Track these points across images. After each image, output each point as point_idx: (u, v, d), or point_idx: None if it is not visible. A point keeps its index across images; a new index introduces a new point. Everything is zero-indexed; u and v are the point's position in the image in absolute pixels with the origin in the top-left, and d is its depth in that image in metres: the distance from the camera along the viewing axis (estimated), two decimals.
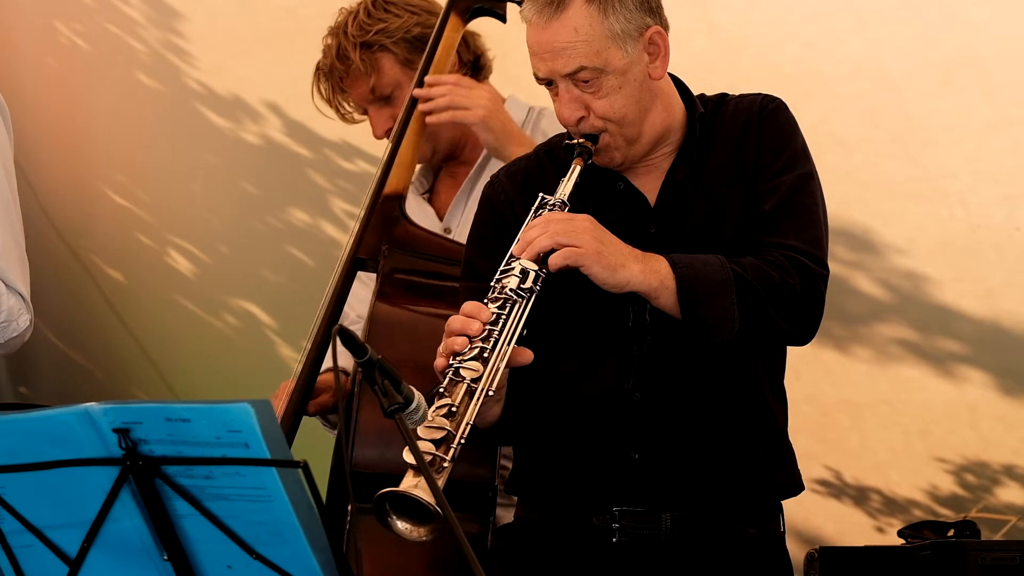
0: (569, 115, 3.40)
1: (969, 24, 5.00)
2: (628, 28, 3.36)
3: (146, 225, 7.25)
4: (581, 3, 3.34)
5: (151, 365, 7.57)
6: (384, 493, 2.99)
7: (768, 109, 3.51)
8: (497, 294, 3.27)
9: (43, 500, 2.90)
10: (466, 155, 4.50)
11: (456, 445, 3.10)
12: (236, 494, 2.83)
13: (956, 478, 5.58)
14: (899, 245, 5.28)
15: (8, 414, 2.87)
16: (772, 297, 3.31)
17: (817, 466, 5.69)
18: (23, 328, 4.03)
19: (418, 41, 4.37)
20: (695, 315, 3.30)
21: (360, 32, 4.35)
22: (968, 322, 5.35)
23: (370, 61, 4.36)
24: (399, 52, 4.37)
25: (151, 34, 6.67)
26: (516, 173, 3.62)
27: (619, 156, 3.45)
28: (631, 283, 3.28)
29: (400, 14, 4.38)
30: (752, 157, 3.46)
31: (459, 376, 3.18)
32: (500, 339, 3.22)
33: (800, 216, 3.42)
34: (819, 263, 3.39)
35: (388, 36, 4.35)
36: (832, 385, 5.49)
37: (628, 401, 3.41)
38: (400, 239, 4.23)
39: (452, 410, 3.13)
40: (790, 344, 3.52)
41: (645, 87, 3.41)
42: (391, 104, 4.41)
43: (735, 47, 5.12)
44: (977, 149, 5.14)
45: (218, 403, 2.78)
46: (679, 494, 3.43)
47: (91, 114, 7.15)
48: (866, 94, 5.13)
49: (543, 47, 3.37)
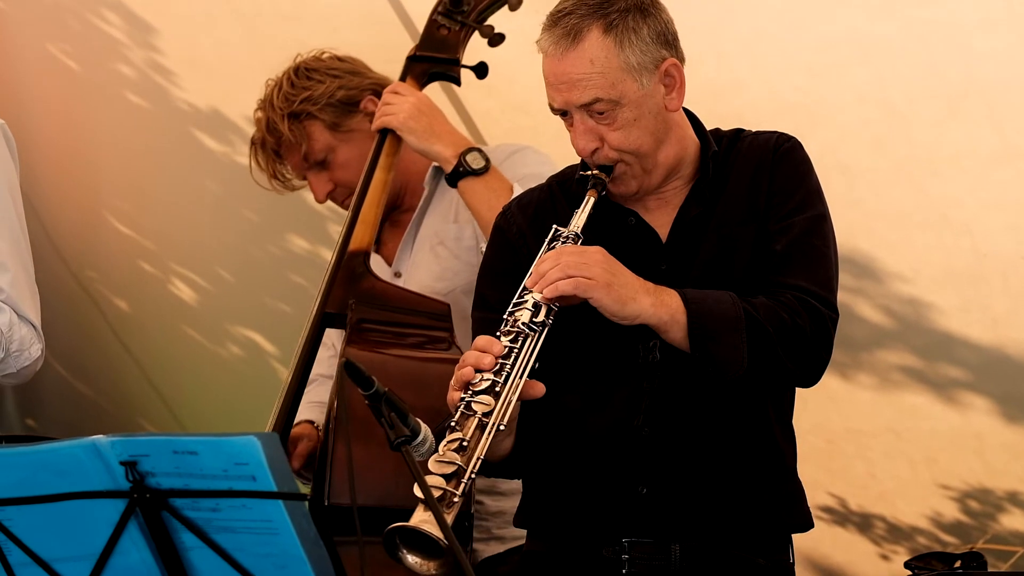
0: (584, 146, 3.40)
1: (975, 53, 5.00)
2: (644, 60, 3.37)
3: (149, 253, 7.25)
4: (597, 35, 3.35)
5: (157, 395, 7.57)
6: (395, 527, 2.99)
7: (783, 148, 3.51)
8: (509, 327, 3.27)
9: (51, 532, 2.91)
10: (407, 202, 4.60)
11: (467, 480, 3.10)
12: (243, 526, 2.84)
13: (961, 506, 5.57)
14: (904, 273, 5.28)
15: (16, 447, 2.88)
16: (782, 338, 3.31)
17: (823, 494, 5.68)
18: (35, 357, 4.05)
19: (343, 104, 4.50)
20: (704, 351, 3.30)
21: (286, 103, 4.48)
22: (973, 350, 5.34)
23: (299, 130, 4.49)
24: (326, 118, 4.49)
25: (135, 53, 6.69)
26: (528, 204, 3.62)
27: (635, 184, 3.45)
28: (641, 316, 3.29)
29: (323, 79, 4.50)
30: (765, 196, 3.46)
31: (471, 410, 3.18)
32: (512, 373, 3.22)
33: (811, 257, 3.43)
34: (829, 306, 3.39)
35: (313, 103, 4.48)
36: (837, 413, 5.49)
37: (637, 436, 3.41)
38: (366, 293, 4.33)
39: (463, 444, 3.13)
40: (796, 385, 3.52)
41: (660, 119, 3.42)
42: (328, 168, 4.55)
43: (741, 76, 5.12)
44: (983, 178, 5.13)
45: (225, 436, 2.79)
46: (687, 528, 3.42)
47: (90, 139, 7.16)
48: (872, 123, 5.12)
49: (559, 78, 3.38)
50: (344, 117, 4.49)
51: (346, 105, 4.50)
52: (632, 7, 3.38)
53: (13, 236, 4.03)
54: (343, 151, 4.50)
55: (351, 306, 4.29)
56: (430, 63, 4.52)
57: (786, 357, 3.33)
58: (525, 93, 4.48)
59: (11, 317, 3.97)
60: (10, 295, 3.99)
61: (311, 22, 5.84)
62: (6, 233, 4.01)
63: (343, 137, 4.49)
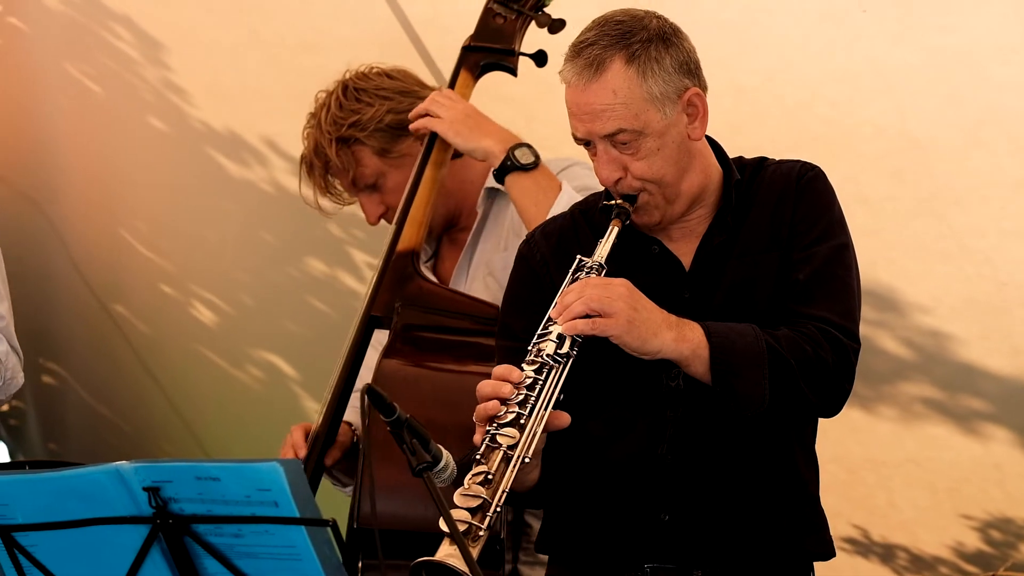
0: (607, 176, 3.41)
1: (994, 83, 5.01)
2: (667, 90, 3.37)
3: (170, 276, 7.28)
4: (620, 66, 3.35)
5: (179, 418, 7.59)
6: (421, 561, 2.99)
7: (807, 177, 3.50)
8: (534, 358, 3.27)
9: (74, 558, 2.93)
10: (463, 221, 4.52)
11: (492, 513, 3.09)
12: (265, 552, 2.86)
13: (982, 535, 5.56)
14: (924, 304, 5.28)
15: (39, 472, 2.90)
16: (804, 371, 3.31)
17: (844, 524, 5.67)
18: (20, 385, 4.11)
19: (392, 129, 4.37)
20: (727, 387, 3.30)
21: (334, 127, 4.36)
22: (994, 380, 5.34)
23: (347, 156, 4.37)
24: (375, 144, 4.37)
25: (153, 74, 6.73)
26: (552, 233, 3.62)
27: (658, 215, 3.46)
28: (663, 352, 3.29)
29: (372, 102, 4.37)
30: (788, 224, 3.46)
31: (496, 443, 3.17)
32: (537, 405, 3.22)
33: (834, 287, 3.42)
34: (851, 337, 3.39)
35: (361, 129, 4.36)
36: (858, 444, 5.48)
37: (659, 463, 3.41)
38: (413, 295, 4.24)
39: (488, 478, 3.12)
40: (818, 416, 3.51)
41: (683, 148, 3.42)
42: (379, 191, 4.43)
43: (761, 108, 5.13)
44: (1003, 208, 5.13)
45: (247, 462, 2.80)
46: (709, 554, 3.42)
47: (111, 161, 7.20)
48: (892, 154, 5.13)
49: (582, 108, 3.38)
50: (394, 142, 4.38)
51: (395, 130, 4.37)
52: (654, 37, 3.38)
53: (2, 268, 4.07)
54: (393, 176, 4.39)
55: (397, 309, 4.21)
56: (484, 53, 4.41)
57: (808, 390, 3.33)
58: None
59: (5, 347, 4.01)
60: (8, 323, 4.02)
61: (331, 50, 5.86)
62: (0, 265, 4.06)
63: (393, 162, 4.39)
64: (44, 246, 7.34)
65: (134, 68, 6.76)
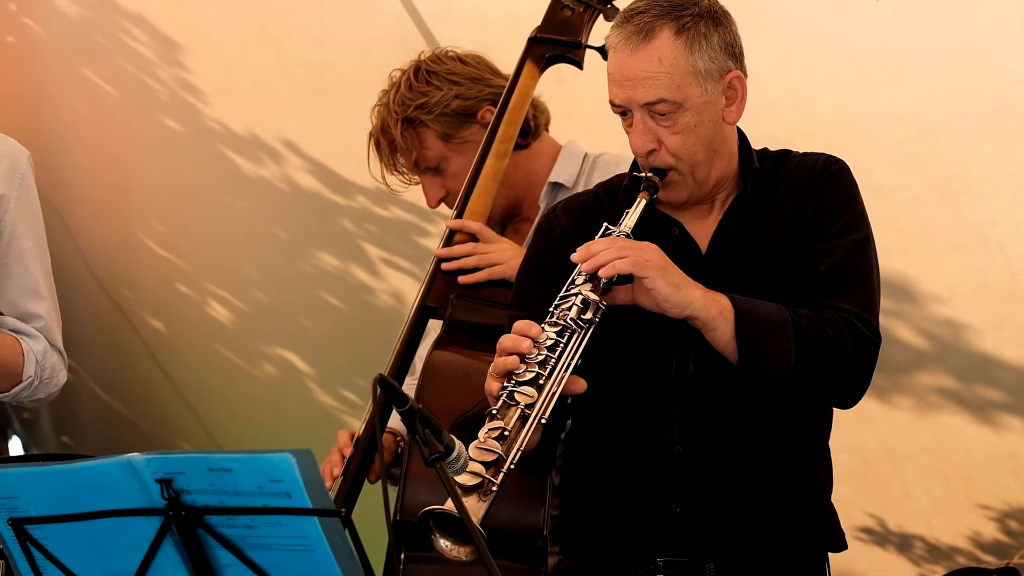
0: (641, 146, 3.41)
1: (1007, 71, 5.00)
2: (711, 68, 3.37)
3: (184, 274, 7.29)
4: (669, 35, 3.35)
5: (192, 414, 7.60)
6: (428, 511, 2.99)
7: (831, 170, 3.50)
8: (557, 319, 3.26)
9: (86, 550, 2.92)
10: (525, 212, 4.51)
11: (506, 470, 3.09)
12: (278, 543, 2.85)
13: (999, 524, 5.55)
14: (939, 293, 5.27)
15: (52, 465, 2.89)
16: (825, 350, 3.30)
17: (860, 514, 5.66)
18: (61, 384, 4.13)
19: (457, 115, 4.37)
20: (752, 348, 3.29)
21: (401, 108, 4.36)
22: (1009, 370, 5.33)
23: (411, 136, 4.37)
24: (439, 128, 4.37)
25: (167, 73, 6.73)
26: (573, 208, 3.62)
27: (685, 193, 3.46)
28: (692, 305, 3.28)
29: (441, 86, 4.37)
30: (811, 216, 3.46)
31: (513, 400, 3.17)
32: (557, 366, 3.21)
33: (856, 280, 3.42)
34: (872, 329, 3.38)
35: (427, 112, 4.35)
36: (873, 434, 5.47)
37: (670, 454, 3.40)
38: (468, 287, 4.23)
39: (504, 434, 3.12)
40: (834, 404, 3.49)
41: (718, 130, 3.42)
42: (441, 174, 4.43)
43: (774, 96, 5.12)
44: (1016, 196, 5.13)
45: (260, 453, 2.79)
46: (722, 547, 3.41)
47: (124, 161, 7.21)
48: (905, 142, 5.12)
49: (625, 74, 3.38)
50: (458, 128, 4.37)
51: (461, 116, 4.37)
52: (705, 13, 3.39)
53: (45, 265, 4.09)
54: (455, 161, 4.38)
55: (452, 300, 4.20)
56: (551, 45, 4.39)
57: (828, 371, 3.32)
58: None
59: (45, 345, 4.03)
60: (47, 323, 4.04)
61: (341, 46, 5.87)
62: (40, 262, 4.07)
63: (456, 148, 4.38)
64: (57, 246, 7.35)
65: (148, 68, 6.77)
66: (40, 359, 4.03)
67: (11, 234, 4.03)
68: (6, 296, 4.04)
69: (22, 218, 4.05)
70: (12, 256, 4.05)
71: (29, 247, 4.06)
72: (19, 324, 4.03)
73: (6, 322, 4.04)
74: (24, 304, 4.04)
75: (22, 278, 4.04)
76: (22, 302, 4.04)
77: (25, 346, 4.01)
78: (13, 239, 4.04)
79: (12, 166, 4.05)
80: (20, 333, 4.03)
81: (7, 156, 4.07)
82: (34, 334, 4.03)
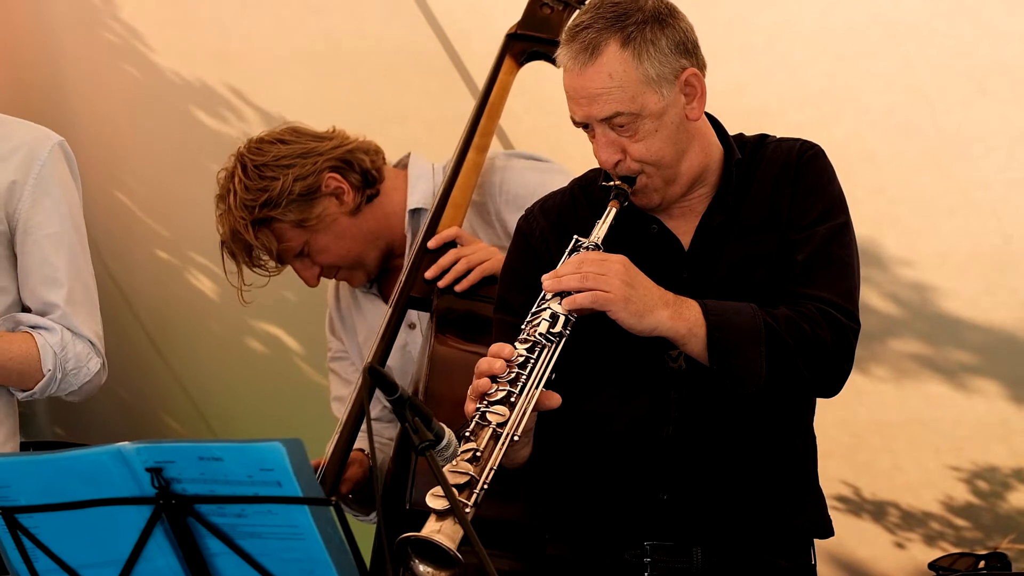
0: (606, 158, 3.39)
1: (1000, 32, 4.97)
2: (663, 72, 3.35)
3: (166, 242, 7.26)
4: (615, 49, 3.32)
5: (182, 391, 7.59)
6: (405, 537, 2.98)
7: (806, 156, 3.49)
8: (527, 335, 3.26)
9: (77, 539, 2.93)
10: (399, 249, 4.44)
11: (479, 491, 3.08)
12: (268, 532, 2.86)
13: (980, 495, 5.56)
14: (931, 260, 5.26)
15: (42, 454, 2.90)
16: (802, 350, 3.30)
17: (845, 487, 5.67)
18: (95, 372, 4.04)
19: (303, 197, 4.27)
20: (724, 364, 3.29)
21: (247, 212, 4.25)
22: (991, 334, 5.33)
23: (267, 236, 4.28)
24: (292, 216, 4.26)
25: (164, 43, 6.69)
26: (550, 209, 3.61)
27: (657, 197, 3.44)
28: (658, 329, 3.27)
29: (276, 175, 4.25)
30: (787, 204, 3.45)
31: (485, 420, 3.16)
32: (527, 384, 3.20)
33: (834, 268, 3.41)
34: (851, 317, 3.38)
35: (274, 207, 4.24)
36: (862, 406, 5.47)
37: (660, 445, 3.41)
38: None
39: (476, 455, 3.11)
40: (816, 395, 3.51)
41: (682, 129, 3.40)
42: (309, 256, 4.36)
43: (767, 64, 5.09)
44: (1009, 158, 5.11)
45: (250, 442, 2.80)
46: (708, 532, 3.43)
47: (111, 125, 7.17)
48: (898, 107, 5.10)
49: (578, 92, 3.36)
50: (309, 209, 4.27)
51: (307, 196, 4.26)
52: (649, 18, 3.35)
53: (71, 252, 4.02)
54: (318, 239, 4.32)
55: (436, 292, 4.21)
56: (530, 42, 4.44)
57: (806, 369, 3.32)
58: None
59: (63, 335, 3.98)
60: (65, 311, 4.00)
61: (337, 16, 5.82)
62: (63, 249, 4.01)
63: (313, 228, 4.30)
64: None
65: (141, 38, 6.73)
66: (59, 351, 3.96)
67: (26, 222, 3.98)
68: (28, 286, 4.00)
69: (41, 206, 3.98)
70: (29, 244, 3.99)
71: (49, 234, 3.99)
72: (37, 319, 3.97)
73: (25, 319, 3.99)
74: (43, 293, 3.98)
75: (40, 266, 3.99)
76: (41, 291, 3.99)
77: (40, 340, 3.95)
78: (30, 227, 3.98)
79: (31, 154, 3.99)
80: (37, 327, 3.98)
81: (26, 144, 4.01)
82: (51, 326, 3.97)
